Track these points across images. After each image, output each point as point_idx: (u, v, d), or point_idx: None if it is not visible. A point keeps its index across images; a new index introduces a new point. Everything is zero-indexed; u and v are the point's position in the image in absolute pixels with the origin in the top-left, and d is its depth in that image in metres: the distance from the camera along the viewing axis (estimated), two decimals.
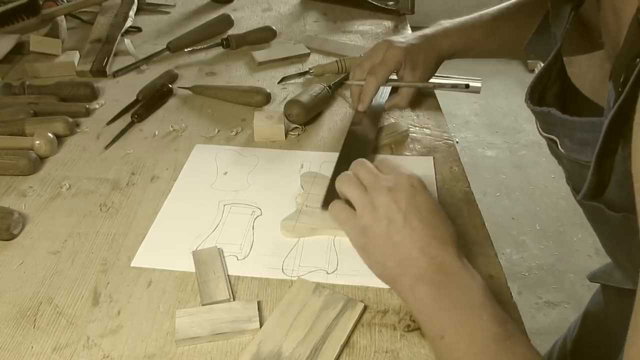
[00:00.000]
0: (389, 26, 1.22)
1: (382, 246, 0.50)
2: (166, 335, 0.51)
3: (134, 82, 0.97)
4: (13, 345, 0.50)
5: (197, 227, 0.64)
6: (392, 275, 0.50)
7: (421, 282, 0.48)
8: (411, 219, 0.50)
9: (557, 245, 2.04)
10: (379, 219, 0.51)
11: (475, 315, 0.45)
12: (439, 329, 0.46)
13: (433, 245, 0.49)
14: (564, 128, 0.51)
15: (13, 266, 0.59)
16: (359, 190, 0.53)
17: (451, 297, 0.47)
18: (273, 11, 1.32)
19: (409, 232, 0.49)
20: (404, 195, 0.51)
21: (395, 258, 0.50)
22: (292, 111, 0.81)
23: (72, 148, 0.80)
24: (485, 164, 2.48)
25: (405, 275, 0.49)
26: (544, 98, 0.56)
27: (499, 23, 0.83)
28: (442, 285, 0.47)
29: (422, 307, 0.47)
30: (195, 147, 0.79)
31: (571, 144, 0.51)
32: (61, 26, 1.13)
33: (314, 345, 0.48)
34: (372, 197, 0.52)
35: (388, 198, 0.51)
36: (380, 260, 0.51)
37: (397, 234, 0.50)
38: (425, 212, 0.51)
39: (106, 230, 0.64)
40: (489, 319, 0.45)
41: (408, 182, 0.52)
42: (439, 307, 0.47)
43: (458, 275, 0.48)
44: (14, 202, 0.69)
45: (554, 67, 0.56)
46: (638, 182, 0.34)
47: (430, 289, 0.47)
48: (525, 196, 2.29)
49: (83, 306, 0.54)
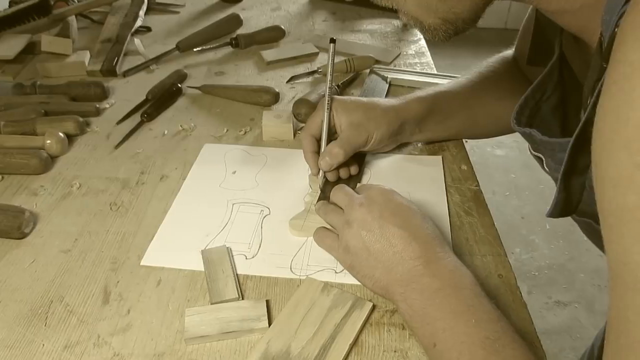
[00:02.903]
0: (398, 25, 1.22)
1: (365, 259, 0.51)
2: (175, 334, 0.51)
3: (144, 81, 0.97)
4: (24, 343, 0.51)
5: (206, 226, 0.64)
6: (383, 286, 0.50)
7: (410, 289, 0.48)
8: (386, 225, 0.50)
9: (567, 244, 2.03)
10: (356, 233, 0.52)
11: (464, 320, 0.45)
12: (430, 337, 0.45)
13: (414, 246, 0.49)
14: (545, 148, 0.52)
15: (24, 265, 0.60)
16: (336, 213, 0.56)
17: (439, 301, 0.46)
18: (282, 10, 1.33)
19: (387, 239, 0.50)
20: (376, 205, 0.52)
21: (380, 268, 0.50)
22: (301, 110, 0.81)
23: (83, 147, 0.80)
24: (494, 163, 2.47)
25: (393, 282, 0.49)
26: (538, 113, 0.56)
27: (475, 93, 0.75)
28: (430, 289, 0.47)
29: (414, 315, 0.47)
30: (204, 147, 0.79)
31: (554, 164, 0.52)
32: (72, 26, 1.14)
33: (322, 344, 0.48)
34: (347, 216, 0.53)
35: (361, 211, 0.52)
36: (368, 274, 0.51)
37: (376, 243, 0.50)
38: (400, 216, 0.51)
39: (116, 229, 0.64)
40: (478, 322, 0.44)
41: (379, 193, 0.54)
42: (429, 313, 0.46)
43: (445, 275, 0.48)
44: (25, 201, 0.69)
45: (549, 79, 0.55)
46: (600, 201, 0.34)
47: (419, 294, 0.47)
48: (535, 195, 2.27)
49: (93, 304, 0.55)
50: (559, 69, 0.55)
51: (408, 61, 1.05)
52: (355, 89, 0.95)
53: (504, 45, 0.82)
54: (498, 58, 0.79)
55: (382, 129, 0.68)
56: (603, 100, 0.34)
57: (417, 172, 0.73)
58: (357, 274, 0.53)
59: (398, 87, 0.94)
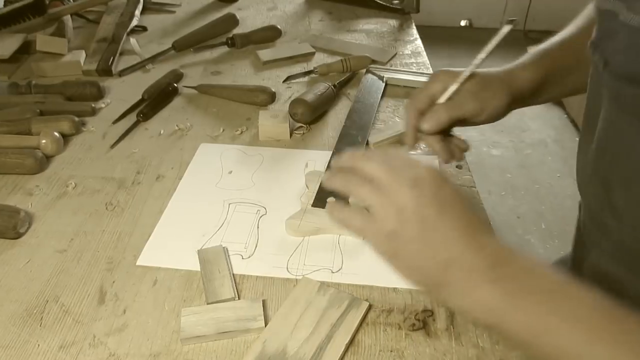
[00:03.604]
0: (394, 25, 1.22)
1: (417, 250, 0.44)
2: (172, 334, 0.51)
3: (140, 81, 0.97)
4: (20, 343, 0.51)
5: (202, 225, 0.64)
6: (437, 281, 0.44)
7: (480, 282, 0.42)
8: (444, 212, 0.44)
9: (562, 244, 2.03)
10: (408, 220, 0.43)
11: (563, 295, 0.40)
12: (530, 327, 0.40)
13: (477, 236, 0.43)
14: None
15: (19, 265, 0.59)
16: (372, 189, 0.45)
17: (524, 285, 0.41)
18: (278, 10, 1.33)
19: (446, 228, 0.43)
20: (430, 188, 0.44)
21: (436, 260, 0.43)
22: (297, 110, 0.81)
23: (78, 147, 0.80)
24: (490, 163, 2.48)
25: (454, 277, 0.43)
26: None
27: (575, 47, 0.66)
28: (507, 278, 0.41)
29: (495, 308, 0.41)
30: (200, 146, 0.79)
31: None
32: (67, 25, 1.14)
33: (318, 344, 0.48)
34: (393, 197, 0.44)
35: (413, 194, 0.44)
36: (419, 266, 0.44)
37: (434, 233, 0.43)
38: (458, 202, 0.45)
39: (112, 229, 0.64)
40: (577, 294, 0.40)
41: (430, 174, 0.45)
42: (517, 301, 0.40)
43: (515, 261, 0.42)
44: (21, 201, 0.69)
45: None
46: None
47: (496, 285, 0.41)
48: (530, 195, 2.28)
49: (89, 305, 0.55)
50: None
51: (404, 61, 1.05)
52: (352, 89, 0.95)
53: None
54: None
55: (498, 100, 0.63)
56: None
57: None
58: (400, 265, 0.45)
59: (394, 87, 0.95)
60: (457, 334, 0.51)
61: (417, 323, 0.52)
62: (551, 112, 2.84)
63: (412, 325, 0.52)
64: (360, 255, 0.60)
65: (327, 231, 0.63)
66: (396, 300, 0.55)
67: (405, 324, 0.52)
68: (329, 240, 0.62)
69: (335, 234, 0.63)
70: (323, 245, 0.61)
